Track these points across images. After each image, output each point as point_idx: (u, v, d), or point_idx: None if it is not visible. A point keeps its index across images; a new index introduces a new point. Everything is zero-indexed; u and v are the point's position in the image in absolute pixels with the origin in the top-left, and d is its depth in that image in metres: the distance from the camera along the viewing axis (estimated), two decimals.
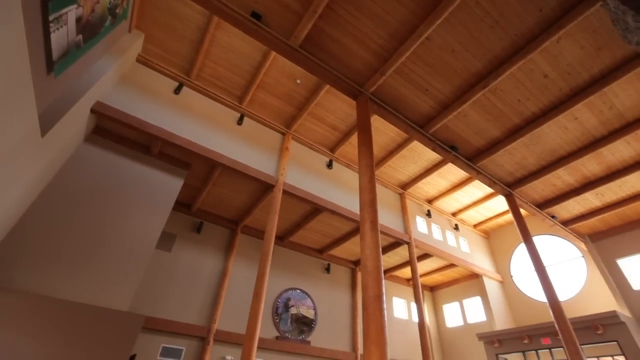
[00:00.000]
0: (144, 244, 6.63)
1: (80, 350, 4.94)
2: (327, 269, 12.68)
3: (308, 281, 11.91)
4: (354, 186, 10.62)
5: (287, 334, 10.34)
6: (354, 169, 11.04)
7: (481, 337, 11.58)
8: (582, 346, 8.59)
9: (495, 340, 11.15)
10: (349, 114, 9.33)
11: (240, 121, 8.88)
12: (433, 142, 7.90)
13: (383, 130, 9.70)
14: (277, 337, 10.09)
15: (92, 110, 6.48)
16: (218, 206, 10.35)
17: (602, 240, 11.22)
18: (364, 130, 5.83)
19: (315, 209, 10.08)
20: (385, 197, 11.72)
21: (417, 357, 12.55)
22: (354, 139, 10.00)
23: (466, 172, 8.89)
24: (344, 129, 9.85)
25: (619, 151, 8.34)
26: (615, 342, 8.71)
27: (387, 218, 11.14)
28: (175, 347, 8.27)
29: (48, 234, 5.69)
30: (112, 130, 7.45)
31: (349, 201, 10.11)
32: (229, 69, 8.40)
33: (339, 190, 10.21)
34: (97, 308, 5.33)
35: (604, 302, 10.47)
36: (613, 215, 10.51)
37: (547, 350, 10.09)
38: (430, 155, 10.61)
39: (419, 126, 7.64)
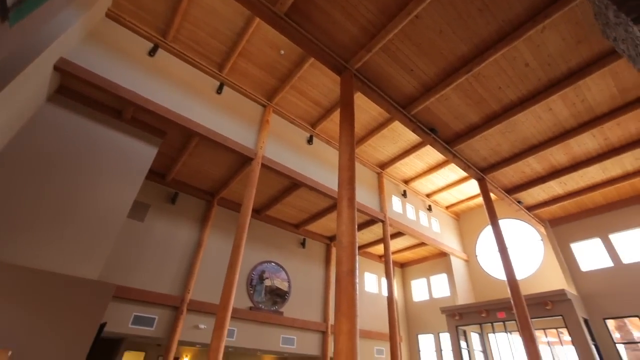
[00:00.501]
0: (115, 213, 6.41)
1: (48, 318, 4.84)
2: (303, 244, 12.91)
3: (283, 255, 12.11)
4: (333, 163, 10.64)
5: (260, 305, 10.59)
6: (334, 146, 11.01)
7: (444, 310, 12.40)
8: (532, 319, 9.39)
9: (456, 314, 11.98)
10: (332, 89, 9.16)
11: (219, 90, 8.51)
12: (414, 124, 7.97)
13: (365, 109, 9.65)
14: (250, 308, 10.32)
15: (56, 68, 5.97)
16: (194, 177, 10.11)
17: (560, 226, 12.06)
18: (346, 107, 5.77)
19: (293, 184, 10.08)
20: (363, 176, 11.86)
21: (384, 328, 13.30)
22: (335, 115, 9.90)
23: (443, 155, 9.10)
24: (326, 105, 9.70)
25: (584, 143, 8.79)
26: (561, 317, 9.62)
27: (364, 196, 11.34)
28: (147, 315, 8.28)
29: (10, 201, 5.36)
30: (80, 91, 6.93)
31: (328, 178, 10.16)
32: (209, 34, 7.92)
33: (318, 166, 10.21)
34: (66, 277, 5.18)
35: (555, 281, 11.41)
36: (572, 203, 11.24)
37: (502, 322, 11.00)
38: (410, 137, 10.74)
39: (402, 107, 7.65)
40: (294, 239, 12.84)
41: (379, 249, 14.66)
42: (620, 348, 9.58)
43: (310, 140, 10.31)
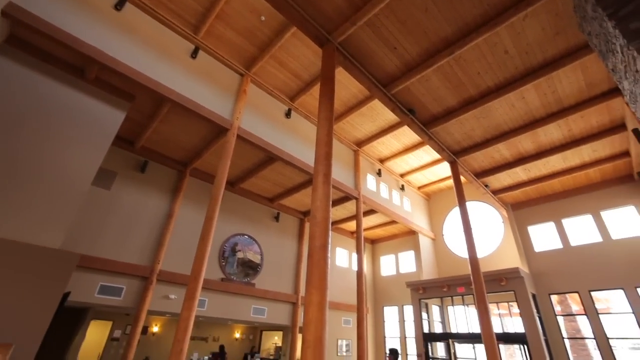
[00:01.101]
0: (79, 179, 6.06)
1: (9, 288, 4.62)
2: (277, 218, 12.96)
3: (256, 228, 12.13)
4: (310, 138, 10.54)
5: (232, 276, 10.67)
6: (313, 121, 10.87)
7: (409, 285, 13.13)
8: (488, 294, 10.16)
9: (420, 288, 12.73)
10: (313, 62, 8.90)
11: (194, 54, 8.00)
12: (393, 103, 7.98)
13: (346, 85, 9.50)
14: (222, 279, 10.38)
15: (4, 13, 5.32)
16: (165, 145, 9.68)
17: (520, 210, 12.87)
18: (327, 81, 5.64)
19: (269, 157, 9.93)
20: (340, 153, 11.89)
21: (352, 300, 13.90)
22: (315, 90, 9.69)
23: (419, 136, 9.25)
24: (306, 78, 9.45)
25: (551, 133, 9.25)
26: (513, 292, 10.49)
27: (340, 173, 11.43)
28: (114, 285, 8.12)
29: None
30: (35, 45, 6.27)
31: (304, 153, 10.09)
32: None
33: (296, 141, 10.09)
34: (27, 245, 4.91)
35: (511, 259, 12.32)
36: (533, 189, 11.96)
37: (461, 296, 11.85)
38: (388, 116, 10.78)
39: (382, 85, 7.60)
40: (268, 213, 12.84)
41: (351, 225, 15.02)
42: (560, 319, 10.68)
43: (288, 114, 10.09)
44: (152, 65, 7.05)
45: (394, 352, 4.02)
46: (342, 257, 15.24)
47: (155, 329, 12.02)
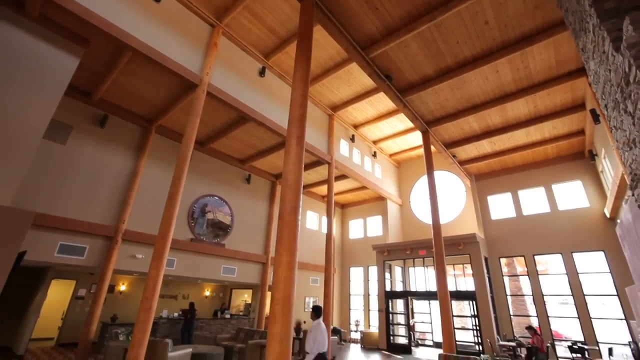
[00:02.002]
0: (28, 132, 5.52)
1: None
2: (248, 180, 12.81)
3: (227, 189, 11.96)
4: (284, 99, 10.19)
5: (202, 237, 10.63)
6: (288, 81, 10.46)
7: (375, 247, 13.83)
8: (446, 257, 10.97)
9: (385, 250, 13.47)
10: (290, 17, 8.34)
11: None
12: (371, 68, 7.81)
13: (323, 45, 9.09)
14: (191, 239, 10.32)
15: None
16: (127, 99, 8.96)
17: (482, 180, 13.62)
18: (304, 39, 5.35)
19: (241, 117, 9.56)
20: (314, 116, 11.68)
21: (321, 261, 14.45)
22: (291, 48, 9.20)
23: (394, 103, 9.25)
24: (282, 35, 8.90)
25: (518, 108, 9.59)
26: (468, 255, 11.40)
27: (314, 137, 11.32)
28: (76, 245, 7.82)
29: None
30: None
31: (278, 114, 9.80)
32: None
33: (269, 101, 9.73)
34: None
35: (470, 226, 13.23)
36: (496, 161, 12.61)
37: (421, 258, 12.72)
38: (365, 81, 10.59)
39: (361, 47, 7.36)
40: (239, 174, 12.64)
41: (322, 189, 15.22)
42: (506, 279, 11.88)
43: (262, 72, 9.61)
44: (109, 6, 6.27)
45: (316, 309, 4.54)
46: (313, 220, 15.59)
47: (122, 287, 11.93)
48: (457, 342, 10.62)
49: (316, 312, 5.02)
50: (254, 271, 12.17)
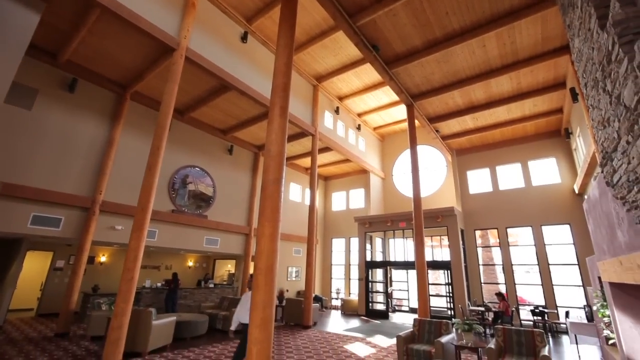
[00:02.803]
0: None
1: None
2: (230, 151, 12.56)
3: (208, 160, 11.70)
4: (268, 68, 9.81)
5: (183, 208, 10.51)
6: (271, 48, 10.02)
7: (357, 219, 14.14)
8: (425, 228, 11.38)
9: (367, 222, 13.81)
10: None
11: None
12: (358, 37, 7.56)
13: (309, 10, 8.67)
14: (173, 211, 10.18)
15: None
16: (98, 62, 8.35)
17: (463, 156, 13.92)
18: (288, 3, 5.06)
19: (222, 85, 9.18)
20: (298, 86, 11.38)
21: (303, 232, 14.67)
22: (275, 13, 8.73)
23: (380, 75, 9.09)
24: None
25: (502, 85, 9.65)
26: (446, 227, 11.87)
27: (298, 108, 11.09)
28: (50, 216, 7.55)
29: None
30: None
31: (261, 83, 9.47)
32: None
33: (252, 69, 9.35)
34: None
35: (449, 199, 13.67)
36: (478, 137, 12.83)
37: (401, 230, 13.15)
38: (351, 51, 10.29)
39: (349, 14, 7.07)
40: (221, 145, 12.35)
41: (306, 161, 15.17)
42: (479, 250, 12.53)
43: (244, 38, 9.13)
44: None
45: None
46: (296, 192, 15.66)
47: (103, 258, 11.80)
48: (431, 308, 11.31)
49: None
50: (237, 242, 12.27)
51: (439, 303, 12.96)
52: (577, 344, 8.11)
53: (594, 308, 6.75)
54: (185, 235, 10.46)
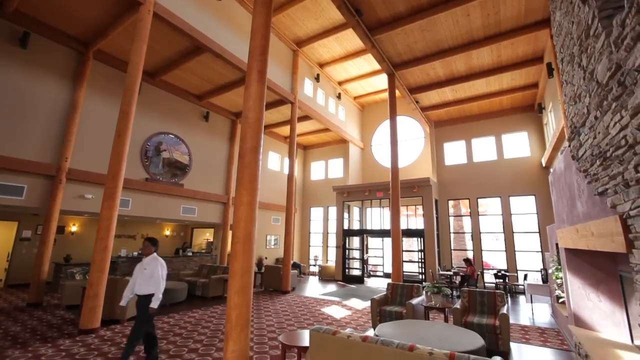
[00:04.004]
0: None
1: None
2: (206, 117, 12.06)
3: (183, 127, 11.22)
4: (245, 29, 9.25)
5: (158, 177, 10.17)
6: (249, 8, 9.39)
7: (336, 189, 14.31)
8: (401, 198, 11.72)
9: (345, 192, 14.02)
10: None
11: None
12: None
13: None
14: (146, 179, 9.84)
15: None
16: (53, 14, 7.50)
17: (441, 128, 14.13)
18: None
19: (196, 47, 8.60)
20: (277, 51, 10.88)
21: (282, 201, 14.74)
22: None
23: (363, 42, 8.82)
24: None
25: (483, 57, 9.64)
26: (421, 197, 12.28)
27: (277, 74, 10.67)
28: (11, 184, 7.08)
29: None
30: None
31: (238, 46, 8.96)
32: None
33: (228, 30, 8.78)
34: None
35: (425, 170, 14.02)
36: (456, 109, 12.99)
37: (378, 199, 13.48)
38: (333, 15, 9.84)
39: None
40: (196, 111, 11.82)
41: (284, 130, 14.89)
42: (451, 219, 13.16)
43: None
44: None
45: (152, 241, 3.87)
46: (274, 161, 15.51)
47: (74, 228, 11.39)
48: (404, 273, 11.94)
49: (153, 243, 4.26)
50: (215, 211, 12.17)
51: (411, 268, 13.71)
52: (532, 302, 8.93)
53: (550, 271, 7.38)
54: (160, 204, 10.22)
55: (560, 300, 6.64)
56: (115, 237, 9.34)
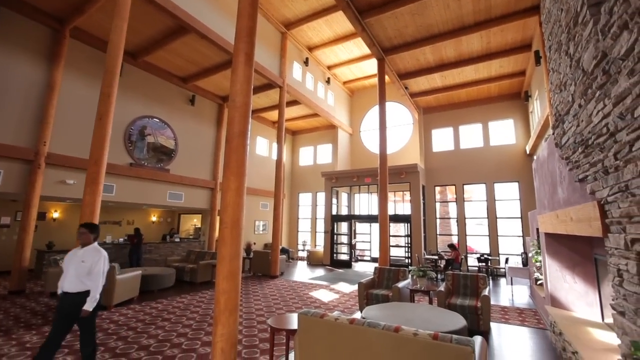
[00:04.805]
0: None
1: None
2: (192, 101, 11.75)
3: (168, 111, 10.91)
4: (231, 9, 8.92)
5: (143, 162, 9.93)
6: None
7: (324, 174, 14.32)
8: (389, 184, 11.84)
9: (333, 177, 14.05)
10: None
11: None
12: None
13: None
14: (131, 164, 9.60)
15: None
16: None
17: (429, 114, 14.18)
18: None
19: (180, 26, 8.26)
20: (266, 33, 10.58)
21: (270, 187, 14.66)
22: None
23: (353, 25, 8.65)
24: None
25: (472, 43, 9.62)
26: (408, 183, 12.43)
27: (265, 57, 10.42)
28: None
29: None
30: None
31: (224, 27, 8.66)
32: None
33: (213, 9, 8.45)
34: None
35: (413, 156, 14.14)
36: (445, 96, 13.02)
37: (367, 185, 13.58)
38: None
39: None
40: (182, 95, 11.48)
41: (273, 114, 14.67)
42: (437, 205, 13.41)
43: None
44: None
45: (90, 227, 3.36)
46: (262, 146, 15.34)
47: (55, 214, 11.09)
48: (391, 257, 12.21)
49: (92, 229, 3.48)
50: (203, 196, 12.04)
51: (398, 253, 14.02)
52: (512, 284, 9.30)
53: (530, 255, 7.66)
54: (146, 189, 10.03)
55: (539, 282, 6.93)
56: (100, 223, 9.17)
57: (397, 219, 12.70)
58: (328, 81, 14.32)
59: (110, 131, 5.85)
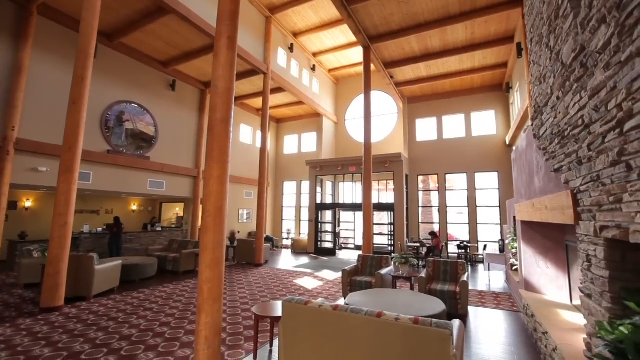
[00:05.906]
0: None
1: None
2: (172, 86, 11.35)
3: (147, 96, 10.51)
4: None
5: (121, 149, 9.59)
6: None
7: (309, 163, 14.28)
8: (373, 173, 11.94)
9: (318, 166, 14.04)
10: None
11: None
12: None
13: None
14: (108, 151, 9.25)
15: None
16: None
17: (414, 104, 14.29)
18: None
19: (158, 6, 7.89)
20: (249, 17, 10.27)
21: (255, 175, 14.51)
22: None
23: (339, 11, 8.51)
24: None
25: (457, 33, 9.67)
26: (392, 172, 12.58)
27: (248, 42, 10.14)
28: None
29: None
30: None
31: (205, 9, 8.35)
32: None
33: None
34: None
35: (397, 146, 14.28)
36: (429, 85, 13.12)
37: (351, 174, 13.66)
38: None
39: None
40: (162, 79, 11.07)
41: (257, 102, 14.41)
42: (420, 194, 13.67)
43: None
44: None
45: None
46: (246, 134, 15.11)
47: (28, 203, 10.61)
48: (374, 245, 12.42)
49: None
50: (185, 185, 11.80)
51: (381, 240, 14.28)
52: (489, 270, 9.68)
53: (506, 242, 7.97)
54: (125, 177, 9.72)
55: (514, 267, 7.25)
56: (77, 212, 8.85)
57: (380, 207, 12.89)
58: (313, 68, 14.13)
59: (85, 116, 5.60)
